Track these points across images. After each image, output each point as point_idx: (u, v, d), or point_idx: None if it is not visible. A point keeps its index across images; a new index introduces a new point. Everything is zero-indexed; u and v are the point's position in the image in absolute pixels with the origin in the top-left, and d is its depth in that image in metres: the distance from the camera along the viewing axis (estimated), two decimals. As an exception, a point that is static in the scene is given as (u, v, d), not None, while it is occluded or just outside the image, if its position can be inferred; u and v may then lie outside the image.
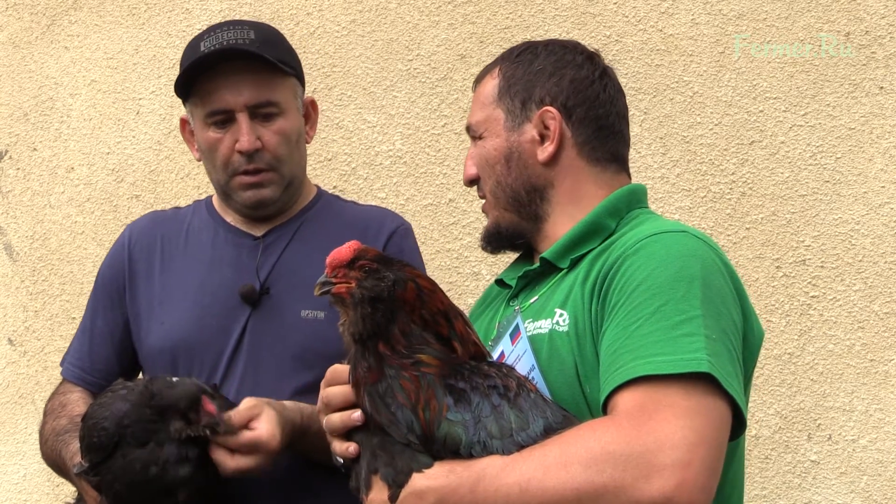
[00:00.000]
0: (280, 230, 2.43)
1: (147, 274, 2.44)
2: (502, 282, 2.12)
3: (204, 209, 2.52)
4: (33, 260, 3.71)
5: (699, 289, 1.74)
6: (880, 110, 3.30)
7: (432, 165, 3.49)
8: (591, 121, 2.02)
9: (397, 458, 1.72)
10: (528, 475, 1.65)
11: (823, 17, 3.35)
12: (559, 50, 2.06)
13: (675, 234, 1.83)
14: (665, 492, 1.60)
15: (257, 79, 2.34)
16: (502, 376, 1.75)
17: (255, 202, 2.38)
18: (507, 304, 2.06)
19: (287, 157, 2.38)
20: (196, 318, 2.35)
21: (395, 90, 3.52)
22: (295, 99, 2.42)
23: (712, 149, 3.37)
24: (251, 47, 2.33)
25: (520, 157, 2.00)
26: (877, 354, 3.26)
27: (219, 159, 2.37)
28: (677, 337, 1.70)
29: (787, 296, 3.29)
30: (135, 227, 2.53)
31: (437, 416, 1.70)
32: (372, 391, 1.73)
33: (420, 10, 3.52)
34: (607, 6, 3.44)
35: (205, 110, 2.36)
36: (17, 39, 3.79)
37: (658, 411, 1.65)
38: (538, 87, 2.01)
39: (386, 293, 1.73)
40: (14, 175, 3.76)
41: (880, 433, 3.25)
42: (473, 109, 2.07)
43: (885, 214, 3.28)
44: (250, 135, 2.32)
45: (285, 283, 2.36)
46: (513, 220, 2.03)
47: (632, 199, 2.01)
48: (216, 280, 2.38)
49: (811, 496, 3.26)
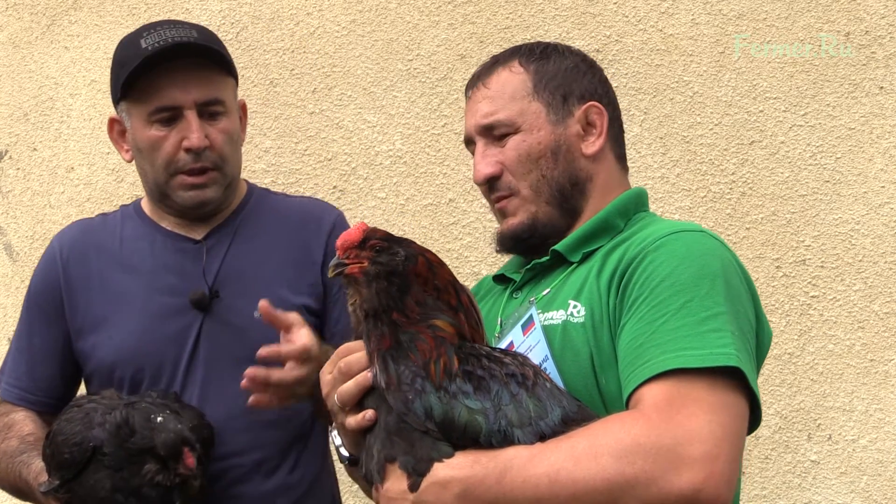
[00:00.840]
0: (219, 231, 2.39)
1: (85, 287, 2.37)
2: (503, 276, 2.12)
3: (134, 215, 2.46)
4: (33, 260, 3.70)
5: (722, 286, 1.78)
6: (880, 110, 3.31)
7: (432, 165, 3.49)
8: (617, 120, 2.09)
9: (416, 445, 1.70)
10: (557, 466, 1.65)
11: (823, 17, 3.35)
12: (576, 51, 2.11)
13: (695, 234, 1.87)
14: (695, 484, 1.63)
15: (206, 76, 2.31)
16: (518, 364, 1.76)
17: (197, 203, 2.33)
18: (511, 296, 2.06)
19: (230, 156, 2.35)
20: (146, 330, 2.30)
21: (395, 90, 3.52)
22: (234, 99, 2.39)
23: (712, 149, 3.37)
24: (208, 43, 2.31)
25: (568, 151, 2.01)
26: (877, 354, 3.26)
27: (160, 158, 2.32)
28: (705, 332, 1.73)
29: (787, 296, 3.29)
30: (63, 237, 2.45)
31: (447, 371, 1.70)
32: (386, 355, 1.73)
33: (420, 10, 3.52)
34: (607, 6, 3.44)
35: (149, 107, 2.30)
36: (17, 39, 3.79)
37: (685, 405, 1.67)
38: (576, 83, 2.04)
39: (401, 267, 1.75)
40: (14, 175, 3.76)
41: (880, 433, 3.25)
42: (492, 106, 2.03)
43: (885, 214, 3.28)
44: (200, 132, 2.28)
45: (234, 286, 2.33)
46: (552, 216, 2.02)
47: (638, 202, 2.06)
48: (162, 288, 2.34)
49: (811, 496, 3.26)
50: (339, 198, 3.49)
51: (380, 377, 1.73)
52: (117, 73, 2.36)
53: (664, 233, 1.86)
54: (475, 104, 2.07)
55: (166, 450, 2.05)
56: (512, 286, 2.08)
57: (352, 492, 3.37)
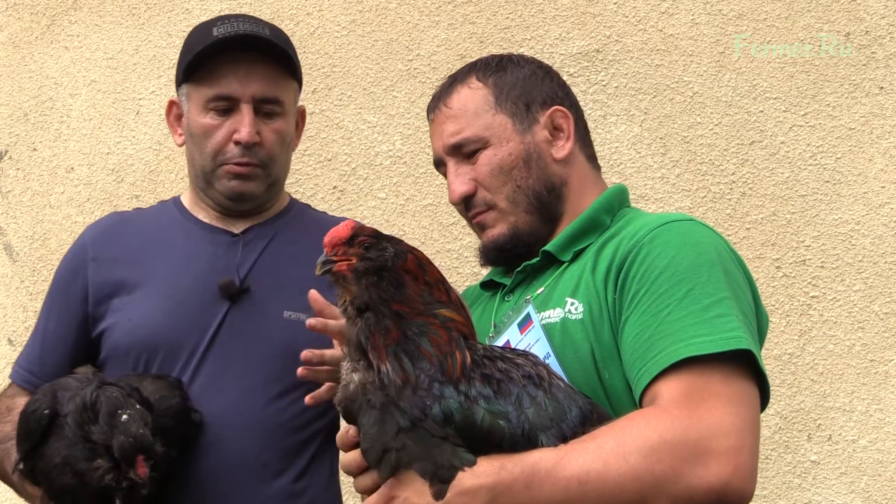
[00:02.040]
0: (259, 229, 2.38)
1: (111, 272, 2.35)
2: (492, 282, 2.12)
3: (173, 208, 2.45)
4: (33, 260, 3.71)
5: (720, 272, 1.80)
6: (880, 110, 3.31)
7: (432, 165, 3.48)
8: (581, 120, 2.09)
9: (434, 451, 1.65)
10: (586, 467, 1.64)
11: (823, 17, 3.35)
12: (530, 59, 2.12)
13: (686, 223, 1.89)
14: (722, 477, 1.64)
15: (269, 73, 2.31)
16: (532, 364, 1.74)
17: (238, 193, 2.33)
18: (503, 299, 2.06)
19: (279, 157, 2.35)
20: (167, 314, 2.28)
21: (395, 90, 3.52)
22: (294, 104, 2.40)
23: (712, 149, 3.37)
24: (277, 41, 2.30)
25: (539, 158, 2.02)
26: (877, 354, 3.26)
27: (210, 146, 2.31)
28: (712, 318, 1.74)
29: (787, 296, 3.29)
30: (97, 227, 2.45)
31: (463, 367, 1.67)
32: (398, 351, 1.68)
33: (420, 10, 3.53)
34: (607, 6, 3.44)
35: (209, 93, 2.31)
36: (17, 39, 3.79)
37: (704, 399, 1.69)
38: (536, 90, 2.04)
39: (390, 262, 1.72)
40: (14, 175, 3.76)
41: (880, 433, 3.25)
42: (457, 125, 2.03)
43: (885, 214, 3.28)
44: (252, 127, 2.28)
45: (267, 282, 2.31)
46: (532, 224, 2.02)
47: (622, 199, 2.07)
48: (190, 276, 2.32)
49: (811, 496, 3.26)
50: (339, 198, 3.49)
51: (392, 375, 1.67)
52: (184, 56, 2.35)
53: (656, 224, 1.87)
54: (439, 126, 2.06)
55: (121, 454, 2.00)
56: (503, 290, 2.07)
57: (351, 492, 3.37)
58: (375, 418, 1.67)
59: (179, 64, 2.39)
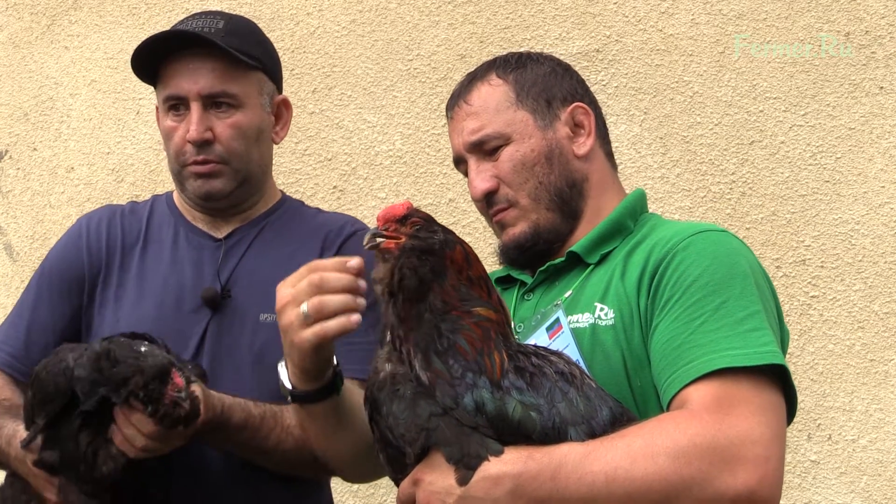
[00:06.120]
0: (242, 232, 2.37)
1: (107, 267, 2.36)
2: (508, 276, 2.11)
3: (164, 205, 2.45)
4: (33, 260, 3.71)
5: (753, 286, 1.81)
6: (880, 110, 3.30)
7: (432, 165, 3.49)
8: (601, 118, 2.10)
9: (463, 440, 1.66)
10: (614, 464, 1.64)
11: (823, 17, 3.35)
12: (549, 57, 2.13)
13: (720, 234, 1.90)
14: (750, 485, 1.64)
15: (216, 68, 2.28)
16: (565, 363, 1.75)
17: (205, 192, 2.31)
18: (522, 298, 2.05)
19: (242, 152, 2.31)
20: (154, 319, 2.27)
21: (395, 90, 3.52)
22: (260, 95, 2.35)
23: (712, 149, 3.37)
24: (214, 37, 2.28)
25: (561, 154, 2.02)
26: (877, 354, 3.26)
27: (172, 148, 2.32)
28: (746, 332, 1.76)
29: (787, 296, 3.29)
30: (91, 218, 2.44)
31: (503, 366, 1.67)
32: (428, 349, 1.68)
33: (420, 10, 3.53)
34: (607, 6, 3.44)
35: (164, 95, 2.32)
36: (17, 39, 3.80)
37: (735, 406, 1.69)
38: (556, 87, 2.05)
39: (437, 246, 1.72)
40: (14, 175, 3.76)
41: (880, 433, 3.25)
42: (479, 122, 2.03)
43: (885, 214, 3.28)
44: (199, 125, 2.26)
45: (244, 286, 2.30)
46: (554, 221, 2.02)
47: (644, 203, 2.09)
48: (177, 281, 2.32)
49: (811, 496, 3.26)
50: (339, 198, 3.49)
51: (420, 372, 1.68)
52: (132, 56, 2.36)
53: (690, 232, 1.88)
54: (459, 123, 2.06)
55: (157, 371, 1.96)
56: (521, 288, 2.07)
57: (351, 491, 3.37)
58: (407, 404, 1.69)
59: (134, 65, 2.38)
